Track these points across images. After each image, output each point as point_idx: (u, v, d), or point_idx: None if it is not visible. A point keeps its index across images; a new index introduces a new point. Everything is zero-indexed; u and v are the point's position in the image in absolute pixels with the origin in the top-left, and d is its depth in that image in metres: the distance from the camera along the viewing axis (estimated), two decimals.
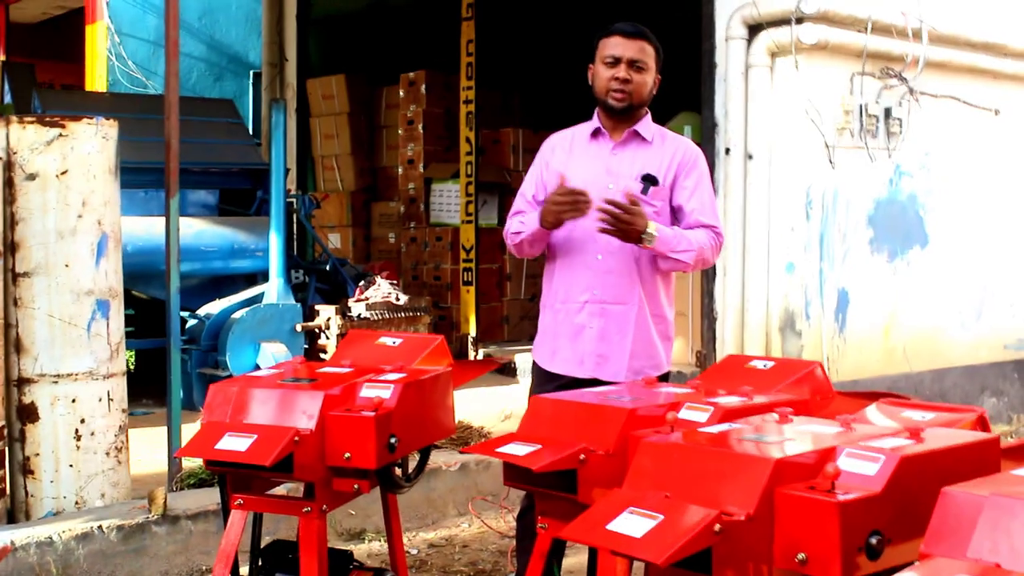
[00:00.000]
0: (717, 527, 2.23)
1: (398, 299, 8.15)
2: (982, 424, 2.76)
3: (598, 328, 3.74)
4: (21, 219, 4.50)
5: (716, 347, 7.19)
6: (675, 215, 3.80)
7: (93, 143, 4.59)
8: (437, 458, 5.48)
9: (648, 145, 3.80)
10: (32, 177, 4.49)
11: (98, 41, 11.34)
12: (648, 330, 3.78)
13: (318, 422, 3.31)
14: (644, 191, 3.71)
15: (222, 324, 7.62)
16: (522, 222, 3.81)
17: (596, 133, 3.84)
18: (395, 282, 8.50)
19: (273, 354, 7.45)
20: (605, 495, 2.57)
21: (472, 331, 9.37)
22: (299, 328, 7.73)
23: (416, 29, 10.81)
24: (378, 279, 8.32)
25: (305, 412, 3.34)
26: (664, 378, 3.80)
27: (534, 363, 3.93)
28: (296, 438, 3.24)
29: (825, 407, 3.28)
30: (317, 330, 7.87)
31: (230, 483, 3.46)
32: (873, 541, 2.24)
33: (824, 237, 7.09)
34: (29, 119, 4.53)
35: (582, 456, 2.91)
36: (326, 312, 7.88)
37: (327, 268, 8.62)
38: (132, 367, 9.73)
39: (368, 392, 3.45)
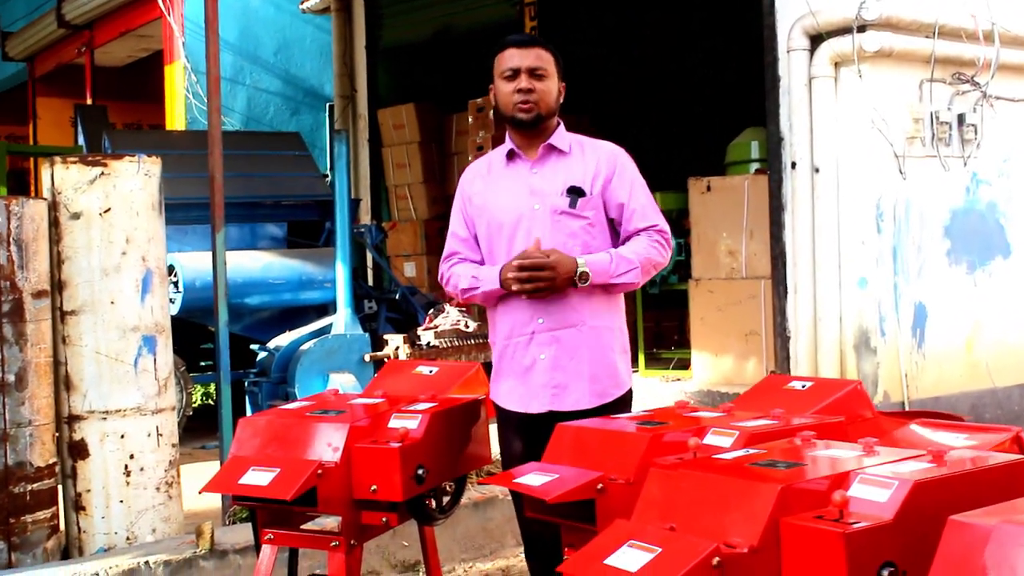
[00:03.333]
0: (716, 560, 2.11)
1: (467, 326, 8.10)
2: (1019, 445, 2.60)
3: (550, 358, 3.53)
4: (67, 258, 4.55)
5: (790, 367, 6.99)
6: (611, 221, 3.60)
7: (135, 180, 4.62)
8: (494, 487, 5.40)
9: (567, 156, 3.59)
10: (76, 216, 4.53)
11: (176, 81, 11.55)
12: (603, 348, 3.56)
13: (343, 454, 3.26)
14: (572, 204, 3.52)
15: (291, 356, 7.65)
16: (475, 276, 3.60)
17: (511, 155, 3.63)
18: (465, 309, 8.45)
19: (342, 385, 7.44)
20: (611, 526, 2.47)
21: None
22: (368, 358, 7.72)
23: (482, 54, 10.77)
24: (448, 307, 8.28)
25: (330, 444, 3.29)
26: (627, 396, 3.63)
27: (493, 402, 3.73)
28: (319, 471, 3.20)
29: (864, 429, 3.13)
30: (386, 359, 7.84)
31: (260, 518, 3.43)
32: (885, 573, 2.11)
33: (897, 250, 6.86)
34: (72, 159, 4.58)
35: (600, 485, 2.81)
36: (395, 341, 7.86)
37: (397, 297, 8.61)
38: (213, 401, 9.85)
39: (395, 423, 3.40)
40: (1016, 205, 7.50)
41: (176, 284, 7.52)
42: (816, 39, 6.74)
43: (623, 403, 3.57)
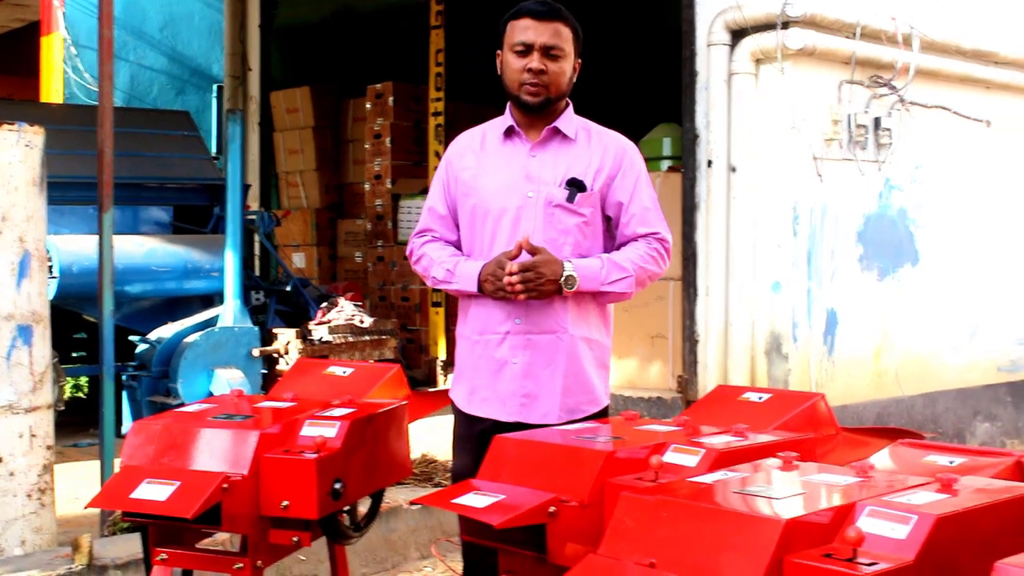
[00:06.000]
0: None
1: (362, 321, 7.74)
2: (1020, 471, 2.35)
3: (523, 363, 3.23)
4: None
5: (698, 371, 6.79)
6: (609, 221, 3.31)
7: (15, 152, 4.14)
8: (397, 495, 5.05)
9: (572, 143, 3.28)
10: None
11: (53, 53, 10.90)
12: (581, 361, 3.27)
13: (251, 466, 2.89)
14: (570, 198, 3.21)
15: (174, 349, 7.18)
16: (450, 270, 3.27)
17: (510, 132, 3.31)
18: (360, 303, 8.09)
19: (228, 381, 7.02)
20: (583, 561, 2.15)
21: (442, 355, 8.95)
22: (256, 353, 7.29)
23: (384, 38, 10.43)
24: (341, 300, 7.90)
25: (236, 454, 2.92)
26: (603, 413, 3.33)
27: (452, 403, 3.43)
28: (225, 485, 2.82)
29: (831, 446, 2.88)
30: (276, 355, 7.44)
31: (152, 535, 3.03)
32: None
33: (812, 254, 6.70)
34: None
35: (552, 508, 2.49)
36: (285, 336, 7.45)
37: (288, 289, 8.19)
38: (84, 394, 9.29)
39: (310, 430, 3.04)
40: (926, 212, 7.41)
41: (51, 269, 6.99)
42: (738, 34, 6.54)
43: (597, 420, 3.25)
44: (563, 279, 3.12)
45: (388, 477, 3.34)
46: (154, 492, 2.80)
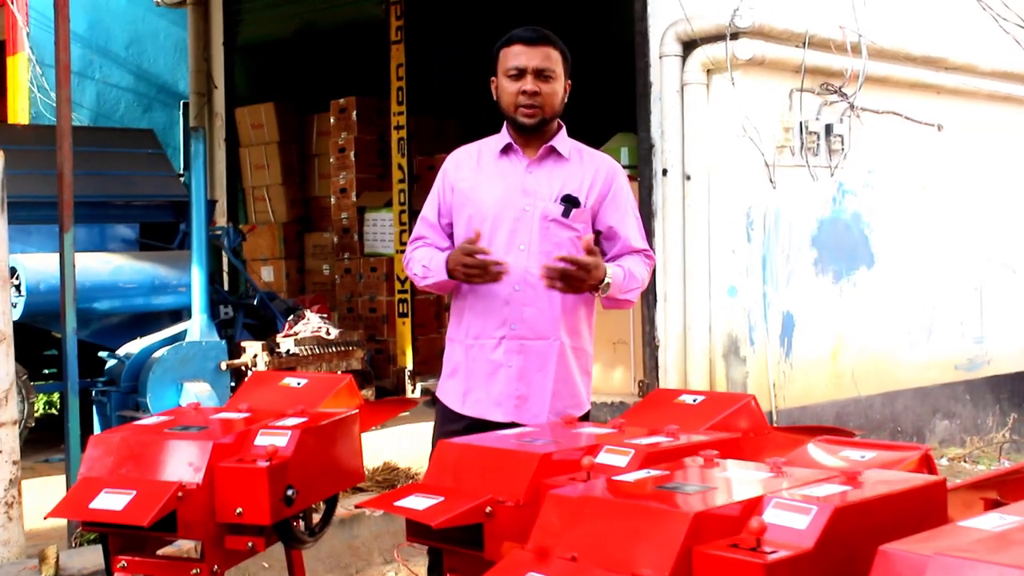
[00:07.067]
0: None
1: (328, 333, 7.84)
2: (927, 464, 2.49)
3: (517, 367, 3.41)
4: None
5: (659, 376, 6.93)
6: (598, 237, 3.50)
7: None
8: (360, 501, 5.16)
9: (566, 162, 3.46)
10: None
11: (19, 73, 10.95)
12: (569, 367, 3.46)
13: (206, 475, 3.00)
14: (566, 214, 3.39)
15: (143, 364, 7.26)
16: (425, 266, 3.45)
17: (507, 149, 3.49)
18: (326, 315, 8.19)
19: (196, 394, 7.10)
20: (508, 555, 2.28)
21: (409, 364, 9.07)
22: (224, 366, 7.39)
23: (346, 54, 10.55)
24: (308, 313, 8.00)
25: (191, 464, 3.03)
26: (585, 417, 3.50)
27: (438, 401, 3.58)
28: (180, 493, 2.93)
29: (760, 445, 3.02)
30: (244, 368, 7.53)
31: (113, 543, 3.14)
32: None
33: (767, 259, 6.86)
34: None
35: (488, 508, 2.62)
36: (253, 349, 7.54)
37: (255, 303, 8.29)
38: (57, 411, 9.35)
39: (263, 440, 3.15)
40: (880, 216, 7.58)
41: (18, 287, 7.07)
42: (689, 45, 6.69)
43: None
44: (602, 284, 3.30)
45: (340, 483, 3.45)
46: (111, 501, 2.90)
